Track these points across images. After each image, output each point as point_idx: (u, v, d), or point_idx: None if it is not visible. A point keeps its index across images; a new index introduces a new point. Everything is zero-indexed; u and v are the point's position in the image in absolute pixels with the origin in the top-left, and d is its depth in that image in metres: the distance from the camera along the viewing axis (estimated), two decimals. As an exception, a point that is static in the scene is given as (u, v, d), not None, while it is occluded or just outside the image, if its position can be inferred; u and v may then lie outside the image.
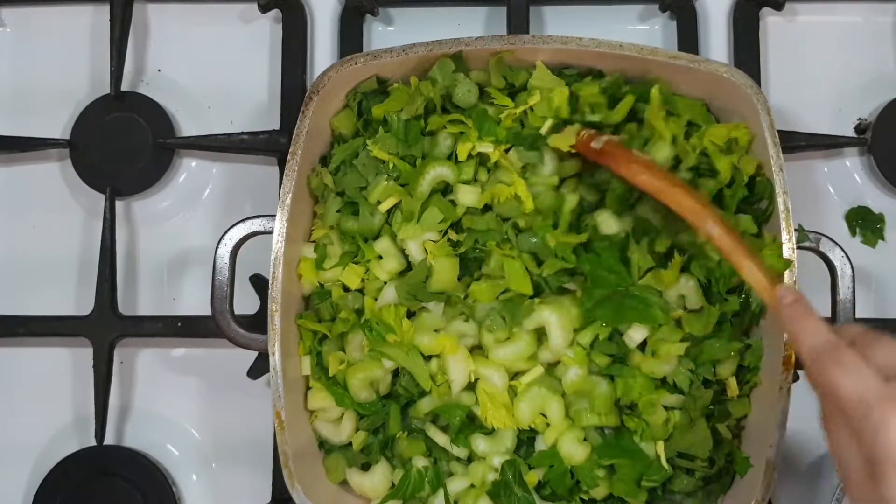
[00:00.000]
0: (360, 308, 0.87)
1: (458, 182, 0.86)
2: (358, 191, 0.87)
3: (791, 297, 0.71)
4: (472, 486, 0.85)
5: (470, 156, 0.86)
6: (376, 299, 0.86)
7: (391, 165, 0.87)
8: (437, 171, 0.86)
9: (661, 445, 0.83)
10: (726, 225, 0.75)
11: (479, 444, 0.85)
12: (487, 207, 0.86)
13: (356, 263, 0.87)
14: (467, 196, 0.86)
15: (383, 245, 0.86)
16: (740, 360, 0.85)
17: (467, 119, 0.86)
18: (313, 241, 0.88)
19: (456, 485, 0.85)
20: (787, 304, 0.71)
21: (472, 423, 0.85)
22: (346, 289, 0.88)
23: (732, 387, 0.85)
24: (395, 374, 0.87)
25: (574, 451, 0.83)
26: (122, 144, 0.99)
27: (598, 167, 0.83)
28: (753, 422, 0.85)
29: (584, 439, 0.84)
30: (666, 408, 0.84)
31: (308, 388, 0.88)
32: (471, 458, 0.86)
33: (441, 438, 0.86)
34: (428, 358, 0.85)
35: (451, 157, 0.86)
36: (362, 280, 0.87)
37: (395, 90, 0.88)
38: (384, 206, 0.86)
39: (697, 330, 0.83)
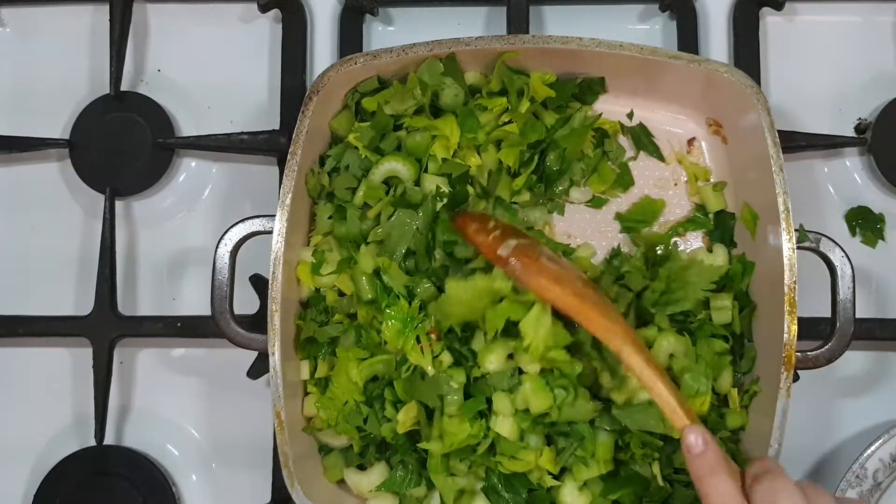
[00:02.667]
0: (353, 312, 0.86)
1: (430, 174, 0.86)
2: (349, 194, 0.87)
3: (700, 445, 0.65)
4: (464, 491, 0.85)
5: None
6: None
7: (363, 157, 0.87)
8: (391, 166, 0.86)
9: (656, 466, 0.82)
10: (639, 345, 0.71)
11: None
12: None
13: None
14: (433, 184, 0.86)
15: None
16: (735, 369, 0.85)
17: (444, 123, 0.86)
18: (312, 246, 0.88)
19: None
20: (695, 455, 0.65)
21: None
22: (341, 293, 0.87)
23: (734, 398, 0.85)
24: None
25: (575, 501, 0.82)
26: (122, 144, 0.99)
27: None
28: (754, 422, 0.85)
29: (585, 484, 0.83)
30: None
31: (306, 392, 0.88)
32: None
33: None
34: None
35: (424, 155, 0.87)
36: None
37: (392, 88, 0.87)
38: (373, 213, 0.86)
39: (686, 360, 0.82)
